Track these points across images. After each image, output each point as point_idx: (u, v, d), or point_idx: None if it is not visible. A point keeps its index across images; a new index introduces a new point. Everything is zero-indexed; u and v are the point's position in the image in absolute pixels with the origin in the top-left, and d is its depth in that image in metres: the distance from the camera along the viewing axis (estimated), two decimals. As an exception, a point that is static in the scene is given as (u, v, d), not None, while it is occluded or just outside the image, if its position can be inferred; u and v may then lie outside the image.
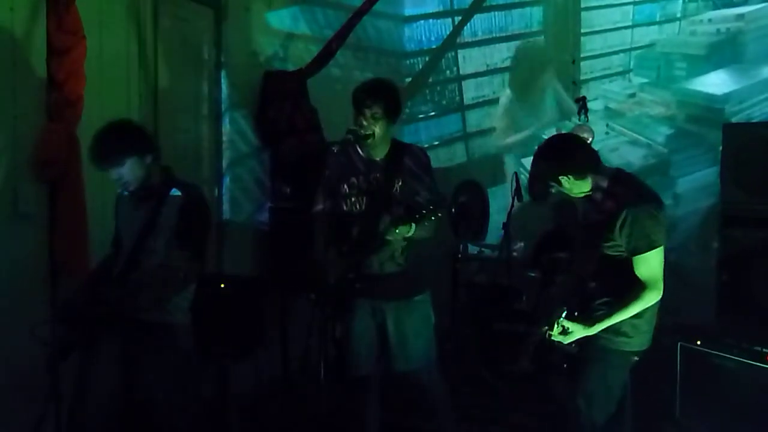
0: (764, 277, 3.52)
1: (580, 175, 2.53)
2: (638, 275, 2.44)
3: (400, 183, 2.83)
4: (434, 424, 3.10)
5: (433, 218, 2.59)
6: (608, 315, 2.46)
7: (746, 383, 3.22)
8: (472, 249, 5.00)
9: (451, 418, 3.14)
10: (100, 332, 2.55)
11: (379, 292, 2.83)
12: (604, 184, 2.52)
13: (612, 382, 2.58)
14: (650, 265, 2.43)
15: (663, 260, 2.46)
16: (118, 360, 2.63)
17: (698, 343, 3.46)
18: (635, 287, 2.44)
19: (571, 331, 2.45)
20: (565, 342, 2.47)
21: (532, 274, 4.43)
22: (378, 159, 2.87)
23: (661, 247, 2.44)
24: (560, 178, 2.53)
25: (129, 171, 2.55)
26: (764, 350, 3.19)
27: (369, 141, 2.80)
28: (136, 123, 2.70)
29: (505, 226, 4.49)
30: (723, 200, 3.79)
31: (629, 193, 2.48)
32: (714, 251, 3.91)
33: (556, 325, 2.44)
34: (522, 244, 4.83)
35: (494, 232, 4.76)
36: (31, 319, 2.53)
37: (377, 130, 2.78)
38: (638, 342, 2.54)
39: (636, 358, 2.58)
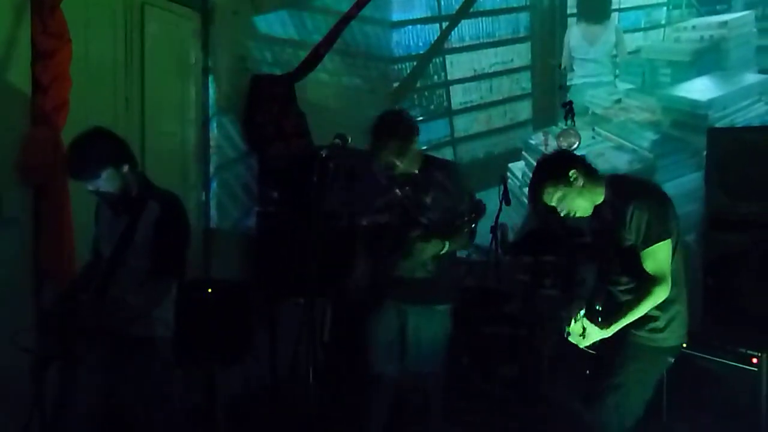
0: (749, 279, 3.56)
1: (588, 172, 2.50)
2: (647, 270, 2.42)
3: (432, 197, 2.92)
4: (424, 427, 3.13)
5: (466, 229, 2.68)
6: (622, 315, 2.43)
7: (732, 385, 3.25)
8: (461, 252, 5.00)
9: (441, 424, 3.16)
10: (80, 345, 2.51)
11: (405, 295, 2.95)
12: (606, 186, 2.53)
13: (648, 381, 2.54)
14: (657, 258, 2.41)
15: (670, 254, 2.43)
16: (99, 373, 2.61)
17: (684, 345, 3.48)
18: (644, 284, 2.42)
19: (588, 333, 2.43)
20: (582, 345, 2.46)
21: (521, 277, 4.45)
22: (410, 173, 2.95)
23: (669, 240, 2.42)
24: (567, 180, 2.47)
25: (106, 182, 2.48)
26: (749, 352, 3.22)
27: (402, 166, 2.88)
28: (109, 132, 2.62)
29: (493, 229, 4.50)
30: (708, 204, 3.82)
31: (631, 189, 2.49)
32: (699, 255, 3.95)
33: (573, 323, 2.41)
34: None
35: (482, 236, 4.77)
36: (15, 326, 2.50)
37: (406, 160, 2.87)
38: (674, 336, 2.52)
39: (671, 359, 2.55)
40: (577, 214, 2.55)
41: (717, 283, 3.67)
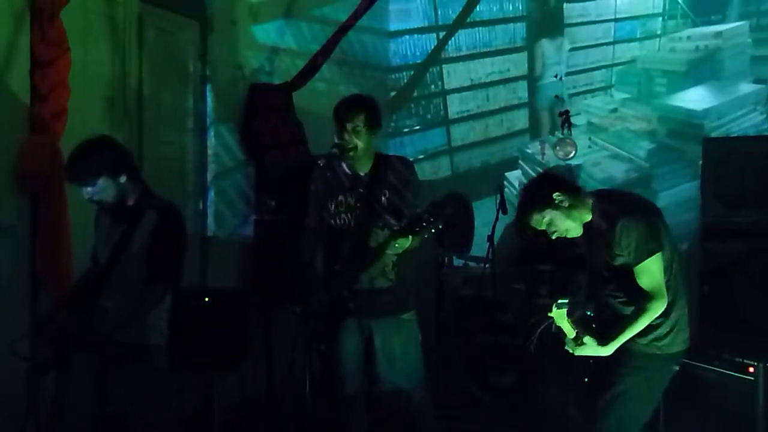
0: (745, 288, 3.56)
1: (573, 193, 2.52)
2: (641, 285, 2.43)
3: (386, 195, 2.84)
4: None
5: (433, 230, 2.57)
6: (620, 333, 2.43)
7: (729, 394, 3.24)
8: (457, 261, 5.01)
9: None
10: (76, 351, 2.51)
11: (368, 308, 2.82)
12: (594, 205, 2.54)
13: (654, 390, 2.55)
14: (651, 273, 2.42)
15: (663, 267, 2.44)
16: (94, 379, 2.60)
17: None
18: (641, 299, 2.44)
19: (586, 345, 2.43)
20: (576, 354, 2.45)
21: (517, 286, 4.45)
22: (363, 173, 2.88)
23: (660, 254, 2.43)
24: (553, 203, 2.49)
25: (100, 190, 2.52)
26: (746, 361, 3.22)
27: (352, 154, 2.81)
28: (112, 141, 2.66)
29: (490, 238, 4.51)
30: (703, 213, 3.84)
31: (617, 206, 2.50)
32: (695, 264, 3.96)
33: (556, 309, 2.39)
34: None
35: (479, 245, 4.78)
36: (12, 334, 2.50)
37: (360, 143, 2.80)
38: (677, 342, 2.53)
39: (676, 367, 2.56)
40: (568, 235, 2.56)
41: (713, 292, 3.67)
